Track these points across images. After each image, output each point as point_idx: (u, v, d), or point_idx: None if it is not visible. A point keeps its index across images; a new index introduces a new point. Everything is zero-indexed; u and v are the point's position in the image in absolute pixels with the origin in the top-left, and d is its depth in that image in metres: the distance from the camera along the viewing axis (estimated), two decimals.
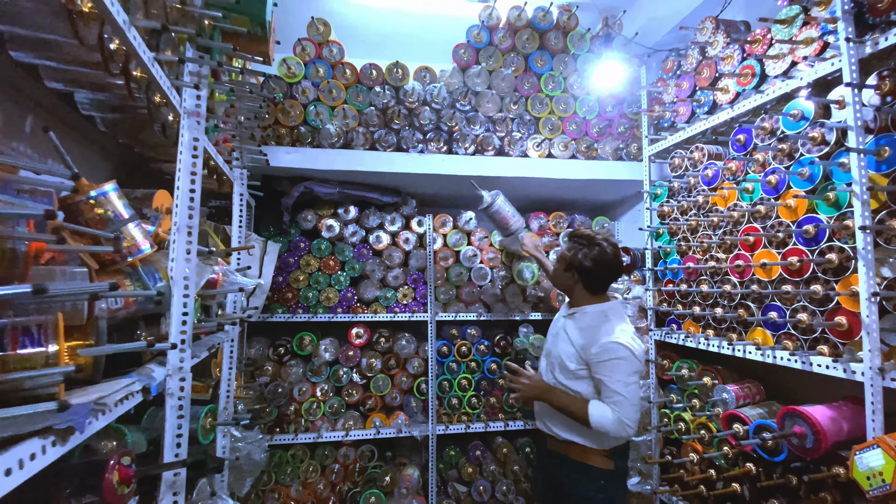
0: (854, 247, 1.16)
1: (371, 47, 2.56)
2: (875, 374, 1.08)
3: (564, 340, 1.54)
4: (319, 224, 2.43)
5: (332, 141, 2.15)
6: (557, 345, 1.57)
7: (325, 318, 2.43)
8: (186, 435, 0.99)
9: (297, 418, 2.40)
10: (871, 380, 1.09)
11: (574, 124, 2.41)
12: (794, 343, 1.34)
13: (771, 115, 1.44)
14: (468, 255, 2.60)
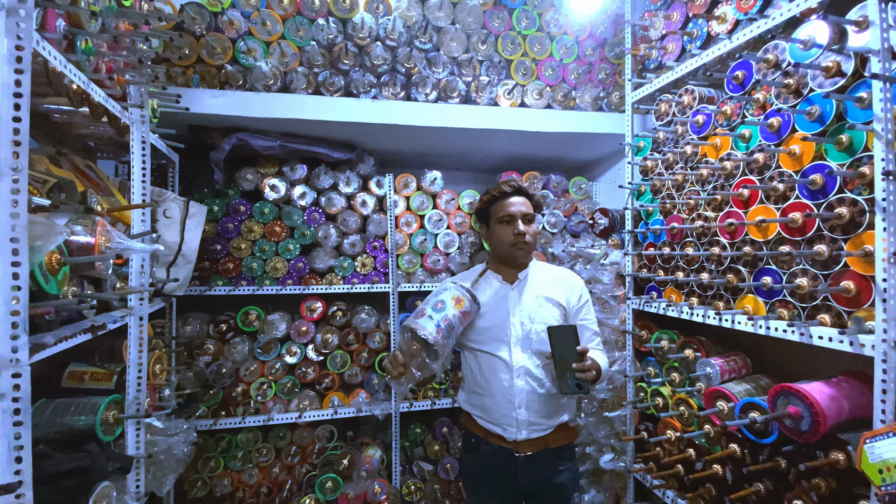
0: (871, 198, 0.97)
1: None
2: (890, 347, 0.91)
3: (541, 306, 1.41)
4: (262, 184, 2.13)
5: (267, 83, 1.83)
6: (534, 317, 1.40)
7: (272, 291, 2.17)
8: (29, 447, 0.75)
9: (246, 400, 2.18)
10: (883, 354, 0.92)
11: (550, 69, 2.14)
12: (790, 311, 1.16)
13: (776, 45, 1.21)
14: (434, 219, 2.36)
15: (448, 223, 2.36)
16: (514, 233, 1.39)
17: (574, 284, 1.49)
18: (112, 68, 1.20)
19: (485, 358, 1.41)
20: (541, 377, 1.37)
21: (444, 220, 2.36)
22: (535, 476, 1.38)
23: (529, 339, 1.38)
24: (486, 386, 1.40)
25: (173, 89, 1.64)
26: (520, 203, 1.41)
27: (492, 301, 1.43)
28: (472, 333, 1.43)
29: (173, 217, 1.57)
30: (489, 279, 1.49)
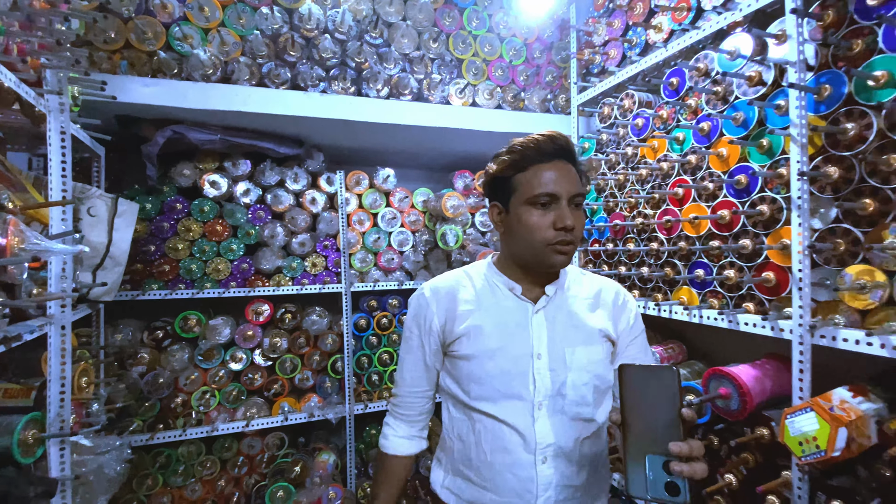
0: (788, 196, 1.07)
1: None
2: (805, 331, 1.01)
3: (583, 342, 0.92)
4: (200, 180, 2.00)
5: (206, 72, 1.72)
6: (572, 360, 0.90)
7: (214, 294, 2.05)
8: None
9: (187, 411, 2.05)
10: (800, 337, 1.03)
11: (500, 69, 2.18)
12: (721, 301, 1.26)
13: (706, 55, 1.31)
14: (387, 217, 2.33)
15: (402, 221, 2.35)
16: (555, 225, 0.84)
17: (626, 302, 0.99)
18: (25, 50, 1.08)
19: (488, 425, 0.89)
20: (580, 458, 0.89)
21: (397, 218, 2.33)
22: None
23: (563, 395, 0.88)
24: (486, 472, 0.89)
25: (97, 76, 1.50)
26: (567, 175, 0.85)
27: (504, 329, 0.91)
28: (470, 381, 0.91)
29: (99, 216, 1.43)
30: (497, 290, 0.95)
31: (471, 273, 1.01)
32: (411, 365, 1.00)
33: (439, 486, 1.00)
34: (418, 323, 0.98)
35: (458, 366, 0.93)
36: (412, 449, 1.04)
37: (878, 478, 0.93)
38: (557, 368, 0.89)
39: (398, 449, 1.02)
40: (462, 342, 0.92)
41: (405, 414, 1.03)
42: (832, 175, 1.00)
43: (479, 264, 1.03)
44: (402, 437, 1.03)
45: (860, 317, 0.97)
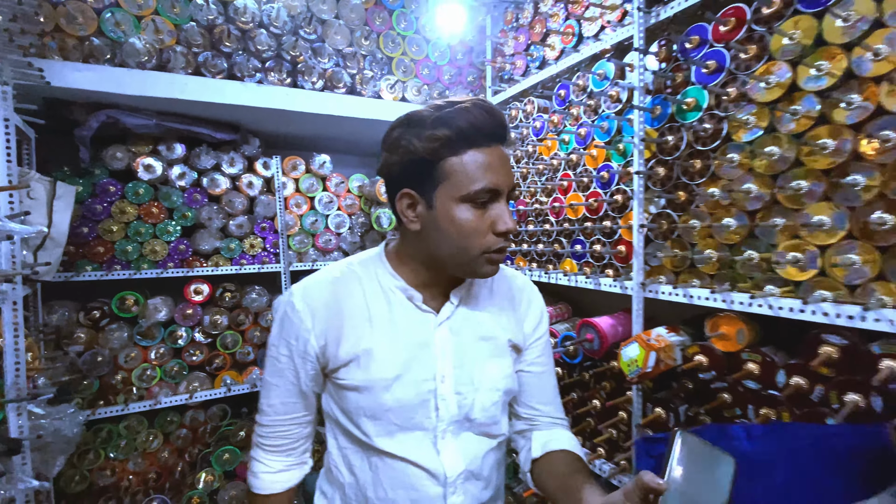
0: (633, 188, 1.44)
1: None
2: (639, 288, 1.39)
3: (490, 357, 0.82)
4: (134, 163, 2.05)
5: (141, 59, 1.78)
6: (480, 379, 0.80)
7: (152, 275, 2.13)
8: None
9: (128, 387, 2.13)
10: (636, 293, 1.41)
11: (427, 68, 2.42)
12: (591, 269, 1.64)
13: (584, 73, 1.65)
14: (324, 201, 2.50)
15: (339, 205, 2.53)
16: (496, 228, 0.71)
17: (534, 302, 0.91)
18: None
19: (387, 460, 0.77)
20: (489, 474, 0.83)
21: (334, 202, 2.51)
22: None
23: (470, 420, 0.79)
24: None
25: (30, 60, 1.52)
26: (506, 161, 0.73)
27: (401, 352, 0.76)
28: (361, 416, 0.76)
29: (38, 198, 1.49)
30: (393, 299, 0.79)
31: (359, 273, 0.80)
32: (283, 392, 0.79)
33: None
34: (288, 343, 0.77)
35: (346, 397, 0.76)
36: (293, 480, 0.84)
37: (683, 388, 1.34)
38: (464, 391, 0.78)
39: (275, 486, 0.82)
40: (350, 370, 0.75)
41: (279, 445, 0.82)
42: (660, 174, 1.38)
43: (369, 259, 0.83)
44: (278, 472, 0.83)
45: (675, 277, 1.36)
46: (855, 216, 0.97)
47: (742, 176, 1.16)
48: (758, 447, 0.80)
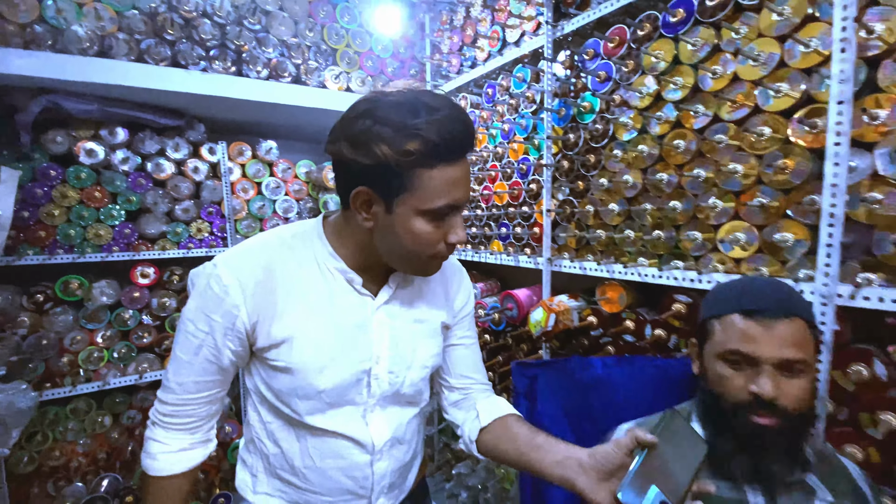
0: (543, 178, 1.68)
1: None
2: (547, 263, 1.65)
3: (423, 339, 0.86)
4: (75, 148, 2.06)
5: (83, 46, 1.80)
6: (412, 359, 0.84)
7: (97, 259, 2.16)
8: None
9: (74, 370, 2.16)
10: (545, 267, 1.66)
11: (371, 60, 2.54)
12: (514, 248, 1.87)
13: (507, 75, 1.86)
14: (271, 186, 2.59)
15: (286, 190, 2.63)
16: (448, 239, 0.73)
17: (463, 283, 0.96)
18: None
19: (317, 434, 0.79)
20: (410, 438, 0.88)
21: (281, 187, 2.61)
22: None
23: (399, 394, 0.83)
24: (314, 477, 0.80)
25: None
26: (469, 174, 0.74)
27: (338, 335, 0.77)
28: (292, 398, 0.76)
29: None
30: (331, 280, 0.78)
31: (295, 246, 0.77)
32: (198, 370, 0.74)
33: (250, 492, 0.84)
34: (209, 319, 0.72)
35: (275, 377, 0.75)
36: (196, 460, 0.80)
37: (580, 344, 1.61)
38: (397, 370, 0.81)
39: (174, 468, 0.77)
40: (282, 351, 0.73)
41: (184, 423, 0.77)
42: (564, 166, 1.62)
43: (305, 234, 0.79)
44: (179, 451, 0.78)
45: (575, 253, 1.62)
46: (696, 203, 1.25)
47: (622, 169, 1.42)
48: (608, 373, 1.07)
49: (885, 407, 0.93)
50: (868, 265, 0.96)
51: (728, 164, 1.15)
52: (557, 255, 1.63)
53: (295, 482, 0.80)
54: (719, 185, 1.20)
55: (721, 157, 1.19)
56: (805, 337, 0.72)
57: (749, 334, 0.72)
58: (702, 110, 1.22)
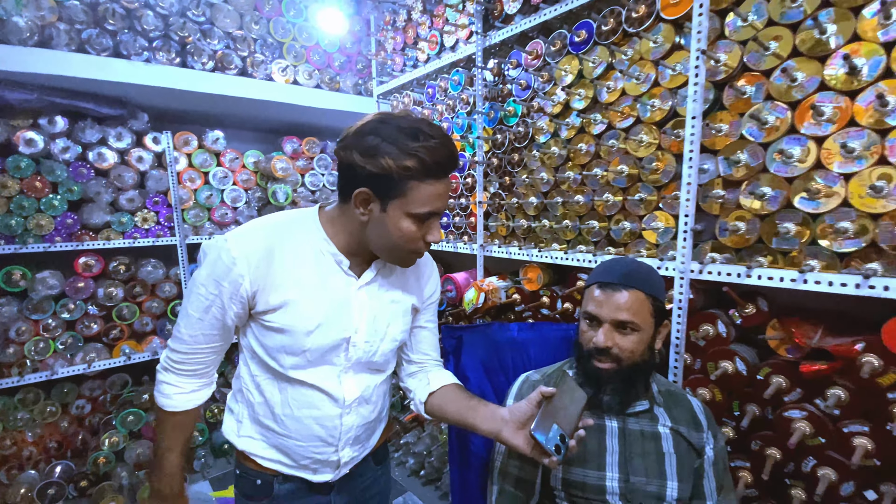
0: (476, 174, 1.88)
1: None
2: (480, 249, 1.86)
3: (396, 316, 1.00)
4: (14, 137, 2.03)
5: (23, 37, 1.78)
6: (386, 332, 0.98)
7: (39, 249, 2.14)
8: None
9: (21, 360, 2.15)
10: (479, 252, 1.87)
11: (317, 55, 2.62)
12: (454, 236, 2.07)
13: (445, 78, 2.03)
14: (219, 176, 2.62)
15: (234, 180, 2.67)
16: (426, 238, 0.88)
17: (433, 277, 1.10)
18: None
19: (297, 386, 0.93)
20: (376, 399, 1.02)
21: (229, 177, 2.65)
22: (350, 496, 1.06)
23: (371, 361, 0.98)
24: (291, 424, 0.94)
25: None
26: (449, 190, 0.89)
27: (325, 306, 0.90)
28: (281, 354, 0.90)
29: None
30: (323, 260, 0.91)
31: (294, 230, 0.90)
32: (207, 326, 0.89)
33: (235, 436, 0.99)
34: (219, 283, 0.85)
35: (269, 336, 0.89)
36: (202, 398, 0.97)
37: (507, 318, 1.83)
38: (371, 341, 0.94)
39: (187, 405, 0.94)
40: (277, 314, 0.87)
41: (192, 369, 0.93)
42: (494, 163, 1.83)
43: (303, 220, 0.92)
44: (191, 392, 0.94)
45: (502, 240, 1.84)
46: (594, 197, 1.49)
47: (539, 167, 1.64)
48: (522, 335, 1.30)
49: (726, 357, 1.20)
50: (715, 247, 1.23)
51: (617, 165, 1.39)
52: (489, 242, 1.85)
53: (275, 428, 0.94)
54: (611, 183, 1.44)
55: (612, 158, 1.43)
56: (640, 305, 0.93)
57: (598, 300, 0.95)
58: (599, 119, 1.46)
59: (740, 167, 1.14)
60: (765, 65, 1.09)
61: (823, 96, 1.01)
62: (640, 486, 0.91)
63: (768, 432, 1.13)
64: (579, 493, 0.93)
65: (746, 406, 1.17)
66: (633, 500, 0.90)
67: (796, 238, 1.06)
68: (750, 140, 1.13)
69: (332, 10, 2.35)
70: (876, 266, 0.94)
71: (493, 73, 1.82)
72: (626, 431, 0.96)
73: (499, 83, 1.80)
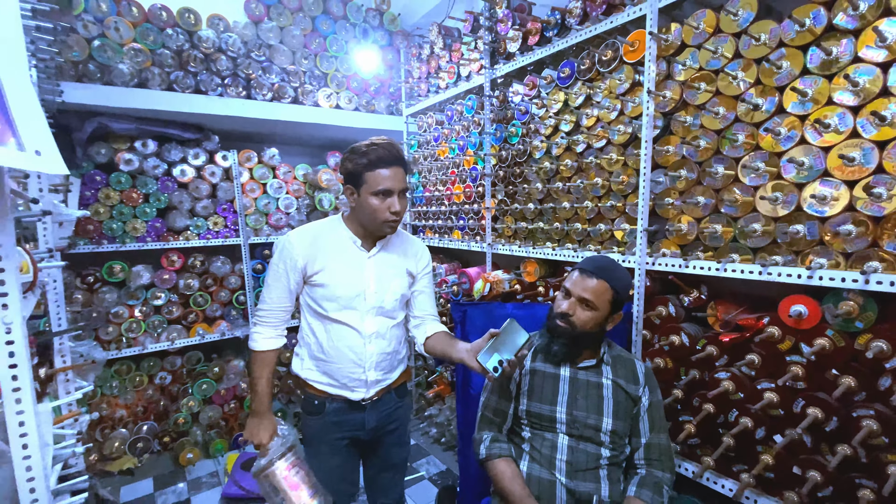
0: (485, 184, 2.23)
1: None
2: (488, 247, 2.21)
3: (396, 277, 1.40)
4: (116, 158, 2.57)
5: (126, 80, 2.31)
6: (388, 287, 1.39)
7: (135, 247, 2.68)
8: None
9: (119, 338, 2.69)
10: (487, 250, 2.22)
11: (356, 82, 3.06)
12: (468, 236, 2.43)
13: (461, 102, 2.39)
14: (274, 186, 3.10)
15: (287, 189, 3.15)
16: (390, 209, 1.27)
17: (423, 256, 1.51)
18: None
19: (335, 328, 1.34)
20: (389, 338, 1.41)
21: (283, 187, 3.13)
22: (378, 417, 1.43)
23: (382, 307, 1.37)
24: (333, 353, 1.35)
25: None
26: (399, 176, 1.28)
27: (347, 268, 1.34)
28: (326, 303, 1.33)
29: (73, 189, 2.03)
30: (344, 239, 1.36)
31: (327, 226, 1.38)
32: (278, 290, 1.34)
33: (300, 370, 1.41)
34: (284, 260, 1.31)
35: (316, 290, 1.34)
36: (278, 343, 1.39)
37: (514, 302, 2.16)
38: (380, 292, 1.36)
39: (268, 346, 1.37)
40: (319, 275, 1.32)
41: (271, 321, 1.37)
42: (500, 175, 2.17)
43: (335, 219, 1.40)
44: (269, 338, 1.37)
45: (507, 239, 2.18)
46: (575, 205, 1.80)
47: (535, 179, 1.97)
48: (515, 312, 1.65)
49: (674, 332, 1.50)
50: (665, 244, 1.53)
51: (593, 178, 1.71)
52: (496, 241, 2.19)
53: (323, 357, 1.37)
54: (588, 192, 1.76)
55: (590, 172, 1.75)
56: (603, 292, 1.24)
57: (574, 280, 1.27)
58: (581, 139, 1.78)
59: (681, 181, 1.44)
60: (698, 100, 1.39)
61: (738, 126, 1.30)
62: (581, 418, 1.24)
63: (703, 391, 1.41)
64: (537, 421, 1.27)
65: (689, 371, 1.46)
66: (575, 428, 1.23)
67: (722, 237, 1.35)
68: (688, 159, 1.42)
69: (367, 51, 2.78)
70: (778, 258, 1.22)
71: (499, 100, 2.17)
72: (575, 380, 1.29)
73: (504, 108, 2.15)
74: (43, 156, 0.79)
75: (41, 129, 0.82)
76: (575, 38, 1.74)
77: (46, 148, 0.80)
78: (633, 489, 1.20)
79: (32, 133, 0.80)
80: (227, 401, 3.00)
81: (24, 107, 0.81)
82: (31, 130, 0.80)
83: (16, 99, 0.80)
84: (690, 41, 1.40)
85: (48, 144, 0.81)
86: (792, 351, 1.23)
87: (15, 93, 0.80)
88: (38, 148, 0.79)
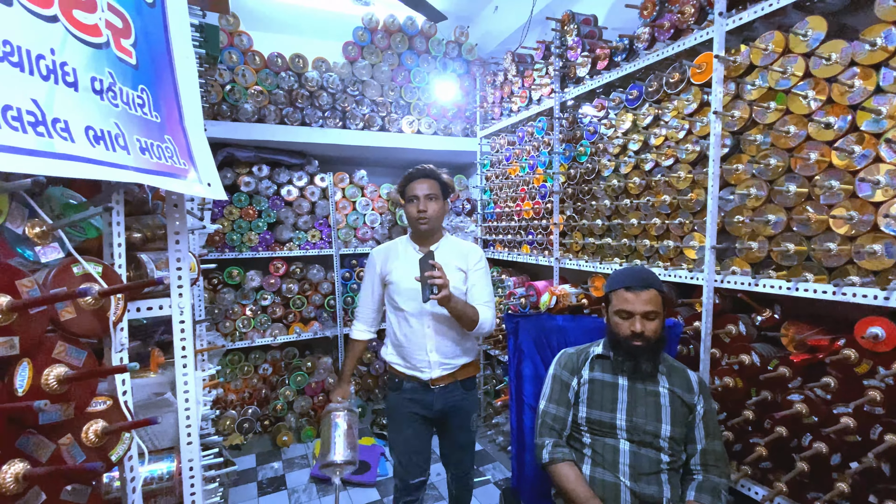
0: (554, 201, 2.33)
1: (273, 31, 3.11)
2: (556, 262, 2.30)
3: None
4: (238, 181, 3.08)
5: (249, 117, 2.79)
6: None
7: (249, 256, 3.16)
8: None
9: (234, 331, 3.18)
10: (555, 264, 2.31)
11: (435, 108, 3.33)
12: (536, 251, 2.53)
13: (532, 124, 2.53)
14: (362, 204, 3.47)
15: (373, 206, 3.50)
16: (417, 210, 1.62)
17: (473, 254, 1.72)
18: None
19: (403, 316, 1.65)
20: (446, 326, 1.64)
21: (370, 204, 3.48)
22: (445, 402, 1.67)
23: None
24: (403, 339, 1.66)
25: None
26: (424, 186, 1.63)
27: (408, 266, 1.64)
28: (395, 297, 1.66)
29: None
30: (407, 247, 1.72)
31: (398, 240, 1.79)
32: (367, 293, 1.77)
33: (386, 355, 1.76)
34: (369, 270, 1.75)
35: (390, 289, 1.70)
36: (366, 336, 1.80)
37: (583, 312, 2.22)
38: None
39: (358, 336, 1.79)
40: (389, 276, 1.70)
41: (362, 318, 1.79)
42: (568, 192, 2.26)
43: (404, 238, 1.78)
44: (360, 331, 1.79)
45: (574, 254, 2.25)
46: (643, 222, 1.84)
47: (603, 196, 2.04)
48: (565, 324, 1.73)
49: (744, 351, 1.48)
50: (736, 262, 1.52)
51: (661, 196, 1.75)
52: (563, 256, 2.27)
53: (400, 342, 1.69)
54: (657, 209, 1.79)
55: (658, 190, 1.78)
56: (657, 299, 1.32)
57: (629, 300, 1.34)
58: (650, 158, 1.82)
59: (751, 198, 1.44)
60: (768, 119, 1.39)
61: (810, 144, 1.29)
62: (640, 425, 1.29)
63: (776, 413, 1.38)
64: (597, 427, 1.34)
65: (760, 391, 1.43)
66: (635, 434, 1.29)
67: (795, 255, 1.33)
68: (758, 177, 1.42)
69: (446, 81, 3.04)
70: (855, 278, 1.19)
71: (568, 121, 2.28)
72: (633, 388, 1.34)
73: (573, 129, 2.25)
74: (213, 187, 1.08)
75: (210, 166, 1.12)
76: (643, 62, 1.81)
77: (214, 180, 1.10)
78: (693, 493, 1.22)
79: (205, 168, 1.10)
80: (316, 393, 3.37)
81: (201, 148, 1.11)
82: (204, 166, 1.10)
83: (195, 142, 1.11)
84: (759, 62, 1.41)
85: (215, 177, 1.11)
86: (869, 374, 1.18)
87: (195, 138, 1.11)
88: (209, 180, 1.08)
